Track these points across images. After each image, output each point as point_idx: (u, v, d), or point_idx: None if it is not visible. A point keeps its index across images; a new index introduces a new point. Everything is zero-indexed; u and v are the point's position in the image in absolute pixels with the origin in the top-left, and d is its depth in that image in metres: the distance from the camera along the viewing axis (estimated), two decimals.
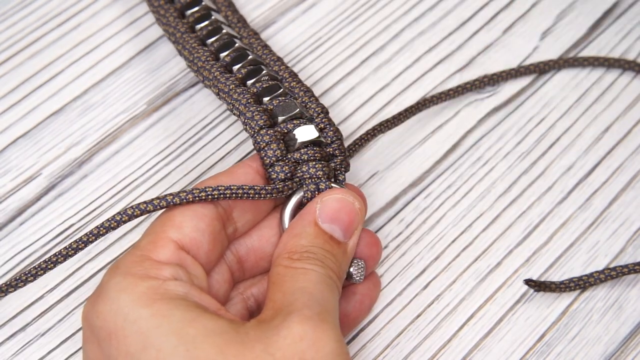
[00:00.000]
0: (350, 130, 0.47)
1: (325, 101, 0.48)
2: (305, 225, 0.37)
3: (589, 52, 0.50)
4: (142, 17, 0.50)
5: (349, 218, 0.38)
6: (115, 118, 0.47)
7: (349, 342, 0.42)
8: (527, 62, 0.49)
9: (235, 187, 0.37)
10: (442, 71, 0.49)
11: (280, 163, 0.39)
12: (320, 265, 0.35)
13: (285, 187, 0.39)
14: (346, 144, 0.46)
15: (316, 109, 0.41)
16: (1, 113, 0.47)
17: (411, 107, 0.46)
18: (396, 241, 0.44)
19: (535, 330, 0.42)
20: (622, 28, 0.51)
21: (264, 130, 0.40)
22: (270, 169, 0.39)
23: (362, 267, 0.39)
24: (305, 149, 0.40)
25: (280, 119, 0.40)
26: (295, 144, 0.40)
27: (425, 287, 0.43)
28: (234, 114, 0.42)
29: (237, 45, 0.44)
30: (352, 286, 0.40)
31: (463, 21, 0.51)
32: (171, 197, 0.36)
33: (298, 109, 0.41)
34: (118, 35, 0.50)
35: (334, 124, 0.41)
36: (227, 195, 0.37)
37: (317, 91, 0.48)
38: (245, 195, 0.37)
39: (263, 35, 0.50)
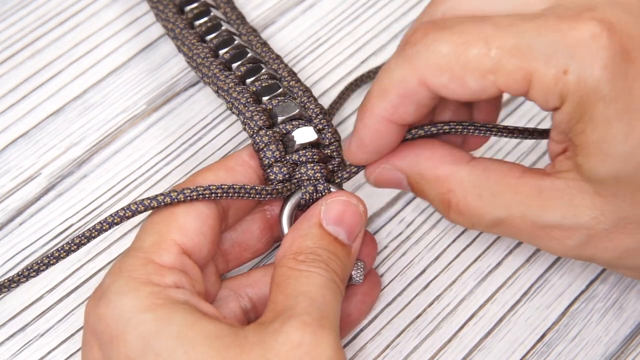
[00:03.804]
0: (350, 130, 0.47)
1: (325, 101, 0.48)
2: (311, 226, 0.37)
3: None
4: (142, 16, 0.50)
5: (354, 221, 0.38)
6: (115, 118, 0.47)
7: (349, 342, 0.41)
8: None
9: (238, 187, 0.37)
10: None
11: (278, 164, 0.39)
12: (324, 269, 0.35)
13: (284, 188, 0.39)
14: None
15: (315, 110, 0.41)
16: (1, 113, 0.47)
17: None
18: (396, 241, 0.44)
19: (535, 331, 0.42)
20: None
21: (263, 131, 0.40)
22: (269, 170, 0.39)
23: (361, 268, 0.39)
24: (304, 151, 0.40)
25: (280, 119, 0.40)
26: (294, 145, 0.40)
27: (426, 287, 0.43)
28: (233, 113, 0.42)
29: (236, 42, 0.44)
30: (353, 286, 0.40)
31: None
32: (175, 194, 0.36)
33: (297, 110, 0.41)
34: (118, 35, 0.50)
35: (333, 125, 0.41)
36: (230, 194, 0.37)
37: (316, 91, 0.48)
38: (247, 194, 0.37)
39: (262, 35, 0.50)
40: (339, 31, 0.51)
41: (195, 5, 0.47)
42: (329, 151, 0.41)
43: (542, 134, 0.39)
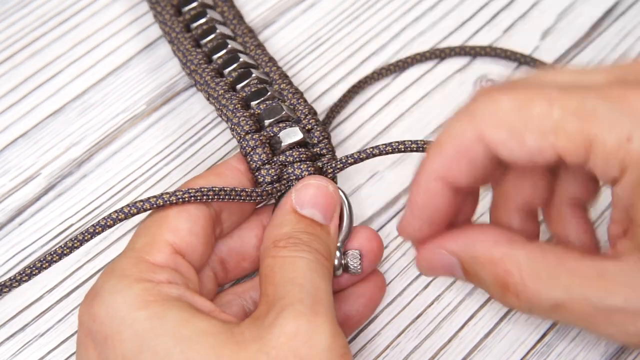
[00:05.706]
0: (350, 130, 0.47)
1: (325, 101, 0.48)
2: (285, 213, 0.37)
3: (589, 52, 0.50)
4: (142, 16, 0.50)
5: (326, 200, 0.38)
6: (115, 118, 0.47)
7: (349, 342, 0.41)
8: None
9: (229, 189, 0.37)
10: (442, 71, 0.49)
11: (266, 166, 0.40)
12: (307, 251, 0.35)
13: (274, 189, 0.39)
14: (347, 143, 0.46)
15: (304, 111, 0.42)
16: (1, 113, 0.47)
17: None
18: (396, 241, 0.44)
19: (535, 331, 0.42)
20: (622, 28, 0.51)
21: (249, 135, 0.40)
22: (257, 173, 0.40)
23: (357, 257, 0.39)
24: (291, 151, 0.40)
25: (267, 122, 0.41)
26: (281, 146, 0.40)
27: (426, 287, 0.43)
28: (223, 119, 0.42)
29: (229, 47, 0.44)
30: (356, 289, 0.40)
31: (463, 21, 0.51)
32: (168, 196, 0.36)
33: (284, 112, 0.41)
34: (117, 35, 0.50)
35: (321, 124, 0.42)
36: (221, 197, 0.37)
37: (316, 91, 0.48)
38: (238, 197, 0.38)
39: (262, 36, 0.50)
40: (339, 31, 0.51)
41: (192, 5, 0.47)
42: (317, 149, 0.41)
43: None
